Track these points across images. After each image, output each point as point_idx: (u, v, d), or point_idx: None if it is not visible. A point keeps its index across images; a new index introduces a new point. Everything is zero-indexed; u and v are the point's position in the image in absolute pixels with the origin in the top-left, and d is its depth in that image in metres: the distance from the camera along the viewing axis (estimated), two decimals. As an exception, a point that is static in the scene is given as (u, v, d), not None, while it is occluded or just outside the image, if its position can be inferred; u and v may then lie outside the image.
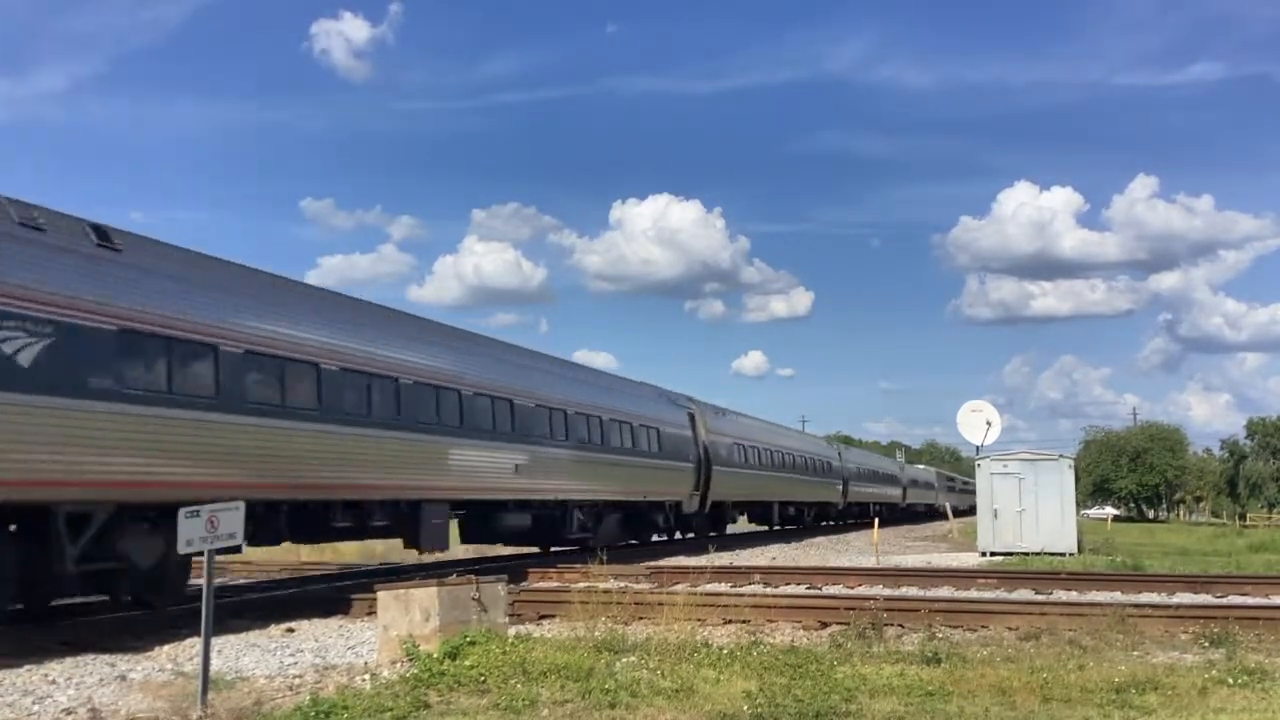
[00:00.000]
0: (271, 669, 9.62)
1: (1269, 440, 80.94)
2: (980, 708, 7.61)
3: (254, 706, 7.75)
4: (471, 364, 19.16)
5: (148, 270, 12.27)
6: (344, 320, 15.89)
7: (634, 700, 7.81)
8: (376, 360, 15.93)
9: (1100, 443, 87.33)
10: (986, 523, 27.35)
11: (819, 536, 37.75)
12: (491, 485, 19.18)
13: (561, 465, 21.67)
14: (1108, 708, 7.63)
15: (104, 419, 11.06)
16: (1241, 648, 10.12)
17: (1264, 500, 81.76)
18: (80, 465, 10.79)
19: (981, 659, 9.46)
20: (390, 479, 15.95)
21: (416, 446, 16.60)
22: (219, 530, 7.97)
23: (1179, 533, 51.74)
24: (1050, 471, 27.18)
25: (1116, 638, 10.64)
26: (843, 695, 7.82)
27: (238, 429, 12.82)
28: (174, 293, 12.43)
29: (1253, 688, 8.21)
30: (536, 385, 21.34)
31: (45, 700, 8.21)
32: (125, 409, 11.35)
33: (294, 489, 13.94)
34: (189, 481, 12.01)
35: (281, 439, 13.59)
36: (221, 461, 12.58)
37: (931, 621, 11.85)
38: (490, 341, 21.81)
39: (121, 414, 11.29)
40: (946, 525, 47.07)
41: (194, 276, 13.12)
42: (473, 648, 9.22)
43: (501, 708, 7.67)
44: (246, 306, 13.62)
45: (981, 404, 36.68)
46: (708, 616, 11.56)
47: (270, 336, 13.71)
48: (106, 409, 11.11)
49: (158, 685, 8.71)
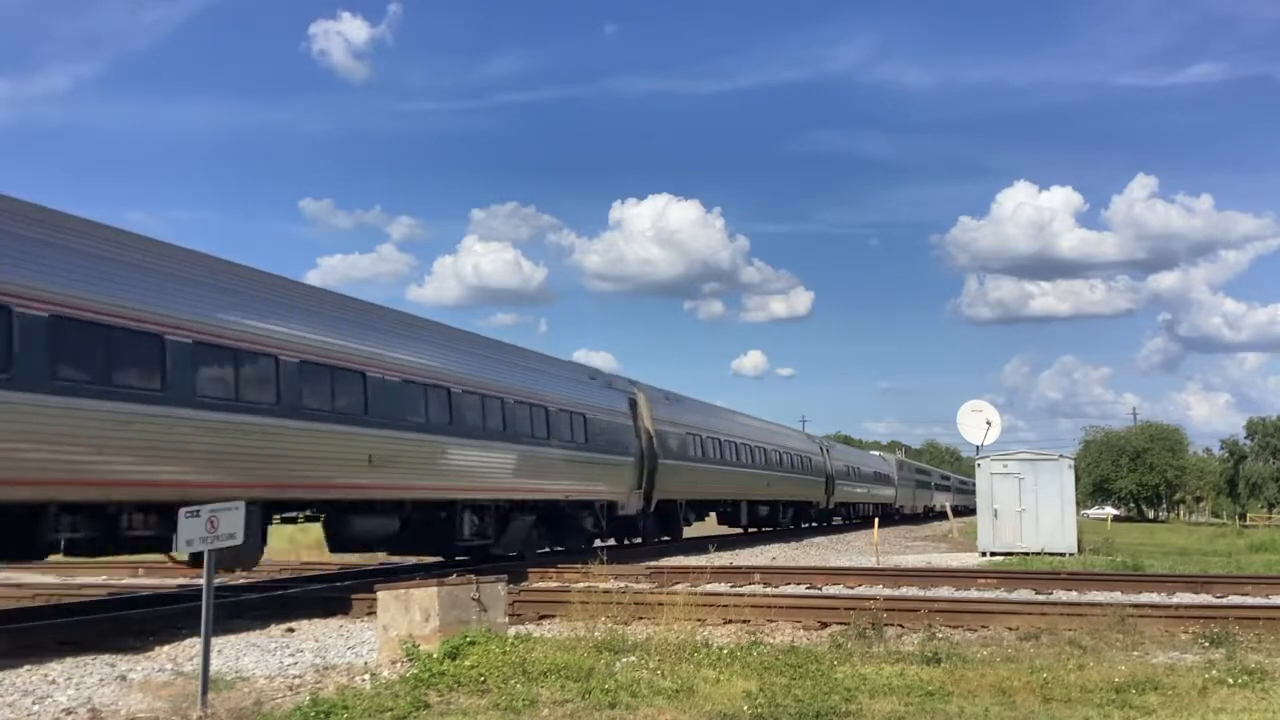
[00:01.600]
0: (271, 669, 9.62)
1: (1269, 440, 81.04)
2: (980, 708, 7.61)
3: (254, 706, 7.75)
4: (296, 323, 14.48)
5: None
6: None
7: (634, 700, 7.81)
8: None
9: (1100, 443, 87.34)
10: (986, 523, 27.36)
11: (819, 537, 37.73)
12: (334, 482, 14.96)
13: (442, 456, 17.47)
14: (1108, 708, 7.63)
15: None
16: (1241, 648, 10.13)
17: (1264, 500, 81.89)
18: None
19: (981, 659, 9.46)
20: (154, 472, 11.86)
21: (198, 429, 12.40)
22: (219, 530, 7.98)
23: (1179, 533, 51.73)
24: (1050, 471, 27.19)
25: (1116, 638, 10.65)
26: (843, 695, 7.82)
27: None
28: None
29: (1253, 688, 8.20)
30: (405, 355, 16.89)
31: (45, 700, 8.21)
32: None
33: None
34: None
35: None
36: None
37: (931, 621, 11.85)
38: (330, 296, 17.01)
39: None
40: (946, 525, 47.09)
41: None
42: (473, 648, 9.22)
43: (501, 708, 7.67)
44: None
45: (981, 404, 36.71)
46: (708, 616, 11.56)
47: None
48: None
49: (158, 685, 8.71)
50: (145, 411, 11.69)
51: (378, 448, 15.62)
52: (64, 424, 10.78)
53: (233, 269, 14.29)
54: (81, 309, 11.10)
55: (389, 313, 18.21)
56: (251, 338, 13.45)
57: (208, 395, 12.59)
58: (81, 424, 10.95)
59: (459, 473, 18.11)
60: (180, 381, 12.15)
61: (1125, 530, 50.12)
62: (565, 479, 22.00)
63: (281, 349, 13.89)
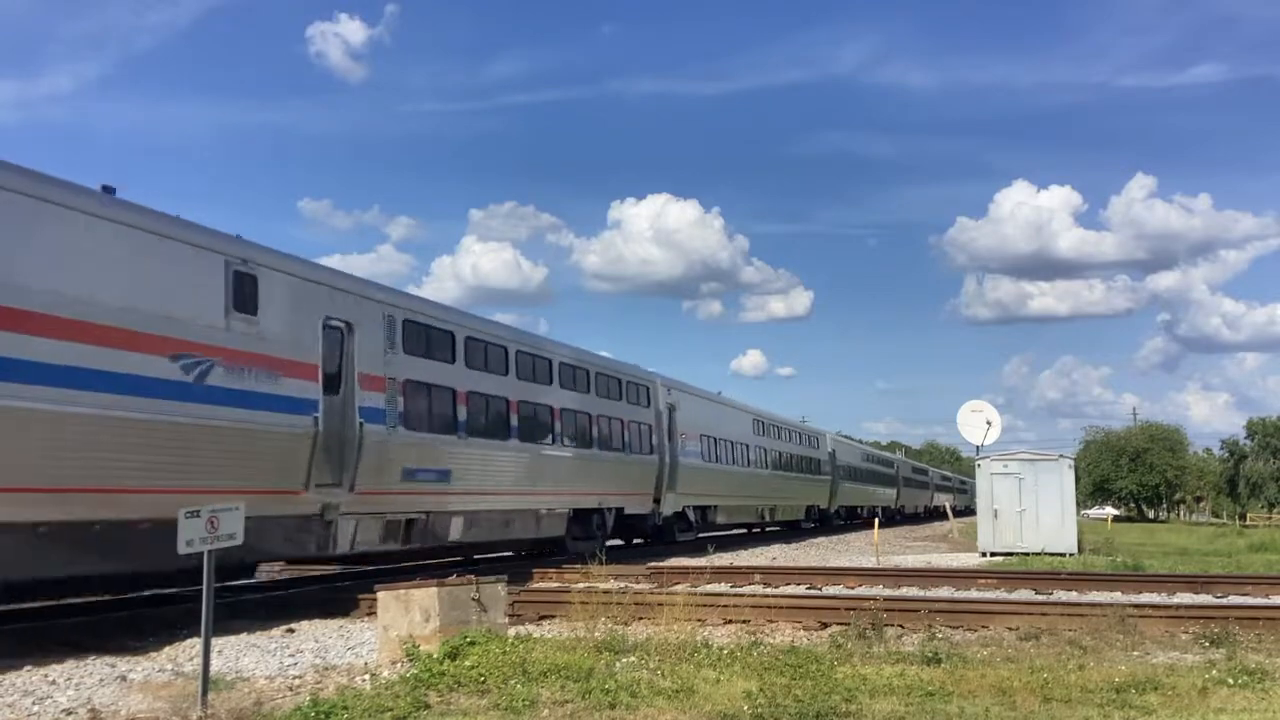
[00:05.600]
0: (271, 669, 9.62)
1: (1269, 440, 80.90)
2: (980, 708, 7.61)
3: (254, 707, 7.74)
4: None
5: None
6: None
7: (634, 700, 7.80)
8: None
9: (1100, 443, 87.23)
10: (986, 523, 27.35)
11: (819, 537, 37.71)
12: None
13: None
14: (1108, 708, 7.63)
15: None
16: (1242, 648, 10.13)
17: (1264, 500, 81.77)
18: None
19: (982, 659, 9.46)
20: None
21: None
22: (219, 530, 7.97)
23: (1179, 533, 51.71)
24: (1050, 471, 27.18)
25: (1117, 638, 10.64)
26: (843, 695, 7.82)
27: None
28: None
29: (1253, 688, 8.20)
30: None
31: (45, 700, 8.21)
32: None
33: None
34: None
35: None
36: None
37: (932, 622, 11.84)
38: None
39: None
40: (947, 525, 47.08)
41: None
42: (473, 648, 9.21)
43: (502, 708, 7.66)
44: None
45: (981, 404, 36.72)
46: (708, 616, 11.57)
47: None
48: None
49: (158, 686, 8.71)
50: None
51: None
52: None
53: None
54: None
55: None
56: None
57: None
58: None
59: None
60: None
61: (1125, 530, 50.09)
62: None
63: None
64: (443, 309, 18.66)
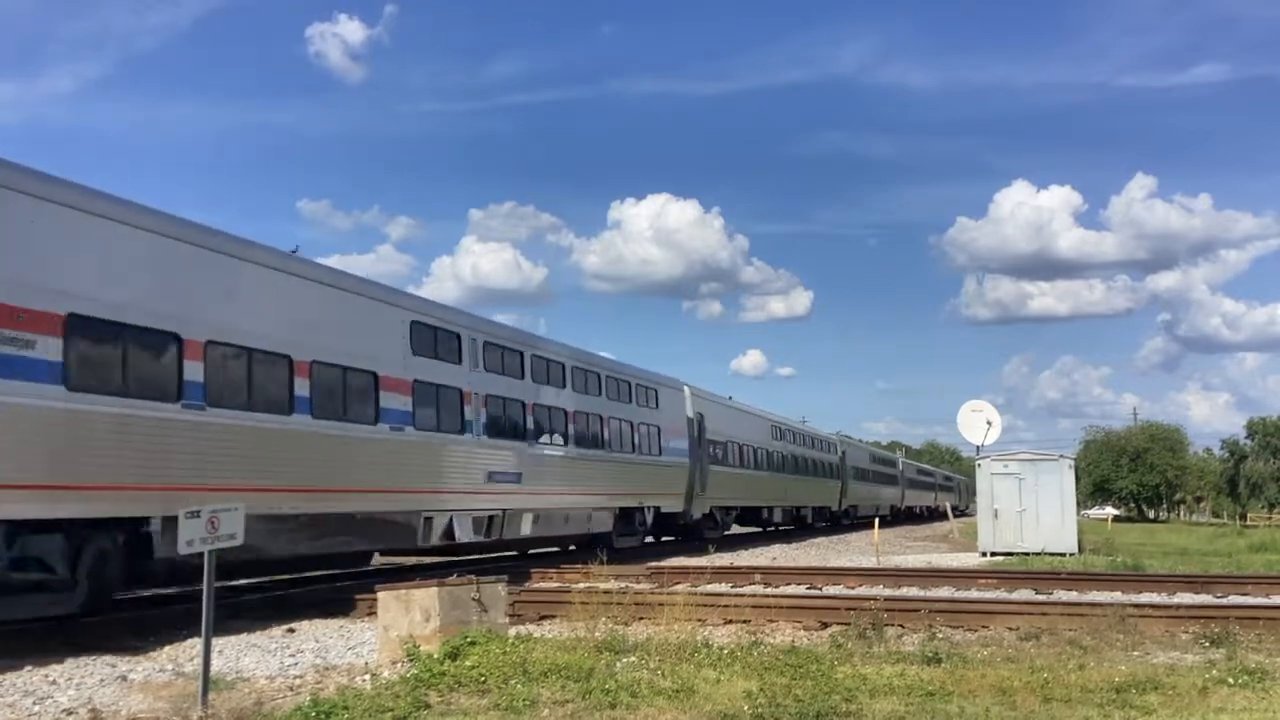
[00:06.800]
0: (272, 669, 9.63)
1: (1269, 440, 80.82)
2: (981, 708, 7.61)
3: (254, 707, 7.75)
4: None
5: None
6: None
7: (634, 700, 7.80)
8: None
9: (1100, 443, 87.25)
10: (987, 523, 27.36)
11: (820, 537, 37.72)
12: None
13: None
14: (1108, 708, 7.63)
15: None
16: (1242, 648, 10.13)
17: (1264, 500, 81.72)
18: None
19: (982, 659, 9.46)
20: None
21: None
22: (219, 530, 7.97)
23: (1179, 533, 51.72)
24: (1050, 472, 27.19)
25: (1117, 638, 10.65)
26: (843, 695, 7.82)
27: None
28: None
29: (1253, 688, 8.20)
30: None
31: (46, 700, 8.21)
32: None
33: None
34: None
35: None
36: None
37: (932, 622, 11.85)
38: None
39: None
40: (947, 525, 47.10)
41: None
42: (473, 648, 9.22)
43: (502, 708, 7.67)
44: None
45: (981, 404, 36.66)
46: (708, 616, 11.57)
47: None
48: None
49: (158, 686, 8.72)
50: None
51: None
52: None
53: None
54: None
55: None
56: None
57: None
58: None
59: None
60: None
61: (1125, 530, 50.10)
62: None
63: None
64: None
